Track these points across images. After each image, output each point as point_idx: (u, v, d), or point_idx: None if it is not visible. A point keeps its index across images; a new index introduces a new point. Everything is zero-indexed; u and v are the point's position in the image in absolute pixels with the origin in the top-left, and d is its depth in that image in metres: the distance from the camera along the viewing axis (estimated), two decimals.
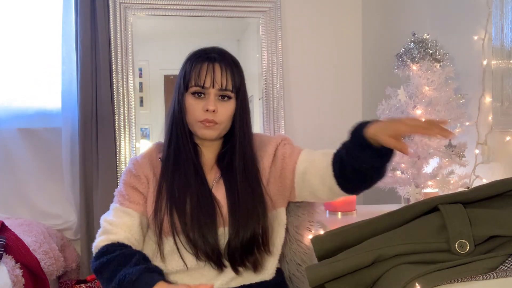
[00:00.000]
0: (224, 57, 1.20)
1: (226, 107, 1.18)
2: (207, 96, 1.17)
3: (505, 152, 1.52)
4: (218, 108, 1.17)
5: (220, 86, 1.17)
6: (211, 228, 1.14)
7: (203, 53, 1.21)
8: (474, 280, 0.73)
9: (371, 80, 2.56)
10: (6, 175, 2.32)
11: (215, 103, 1.16)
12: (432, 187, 1.59)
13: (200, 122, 1.17)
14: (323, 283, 0.82)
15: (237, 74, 1.20)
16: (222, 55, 1.21)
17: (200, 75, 1.16)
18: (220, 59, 1.19)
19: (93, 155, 2.28)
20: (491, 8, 1.54)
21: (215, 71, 1.16)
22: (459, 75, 1.70)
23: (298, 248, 1.35)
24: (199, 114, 1.17)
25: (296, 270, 1.34)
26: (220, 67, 1.17)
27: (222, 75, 1.17)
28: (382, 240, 0.81)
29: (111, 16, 2.32)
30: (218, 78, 1.16)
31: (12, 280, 1.57)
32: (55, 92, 2.33)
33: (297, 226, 1.35)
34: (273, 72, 2.51)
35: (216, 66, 1.17)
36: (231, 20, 2.53)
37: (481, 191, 0.86)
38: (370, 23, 2.56)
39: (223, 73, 1.17)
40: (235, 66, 1.21)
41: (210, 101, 1.16)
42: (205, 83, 1.16)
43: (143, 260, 1.10)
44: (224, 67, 1.18)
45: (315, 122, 2.59)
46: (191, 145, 1.22)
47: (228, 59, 1.20)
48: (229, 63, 1.19)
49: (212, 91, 1.17)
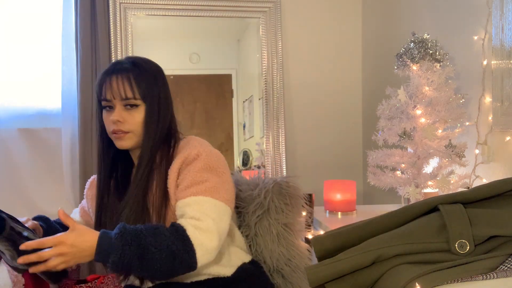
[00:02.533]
0: (126, 65, 1.19)
1: (133, 115, 1.18)
2: (115, 108, 1.19)
3: (505, 152, 1.52)
4: (125, 118, 1.17)
5: (120, 97, 1.17)
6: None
7: (111, 66, 1.23)
8: (474, 280, 0.73)
9: (371, 80, 2.56)
10: (6, 175, 2.32)
11: (120, 113, 1.17)
12: (432, 187, 1.59)
13: (112, 134, 1.20)
14: (323, 283, 0.82)
15: (140, 80, 1.18)
16: (123, 63, 1.20)
17: (102, 89, 1.19)
18: (119, 69, 1.18)
19: (93, 155, 2.28)
20: (491, 8, 1.54)
21: (111, 82, 1.17)
22: (459, 75, 1.70)
23: (287, 244, 1.36)
24: (110, 126, 1.20)
25: (285, 264, 1.35)
26: (116, 77, 1.17)
27: (119, 85, 1.17)
28: (382, 240, 0.81)
29: (111, 16, 2.32)
30: (115, 90, 1.17)
31: (12, 280, 1.57)
32: (55, 92, 2.32)
33: (286, 223, 1.37)
34: (273, 72, 2.51)
35: (112, 78, 1.18)
36: (231, 20, 2.53)
37: (481, 191, 0.86)
38: (370, 23, 2.56)
39: (119, 83, 1.17)
40: (139, 72, 1.19)
41: (116, 112, 1.18)
42: (106, 95, 1.18)
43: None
44: (121, 77, 1.17)
45: (315, 122, 2.59)
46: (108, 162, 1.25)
47: (127, 69, 1.19)
48: (127, 72, 1.18)
49: (117, 102, 1.18)
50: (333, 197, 1.74)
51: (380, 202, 2.37)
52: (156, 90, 1.20)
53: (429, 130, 1.55)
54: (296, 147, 2.58)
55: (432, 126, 1.56)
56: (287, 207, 1.39)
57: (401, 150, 1.65)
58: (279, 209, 1.38)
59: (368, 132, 2.51)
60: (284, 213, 1.38)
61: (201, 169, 1.15)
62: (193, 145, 1.20)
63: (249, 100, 2.62)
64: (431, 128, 1.55)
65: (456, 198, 0.85)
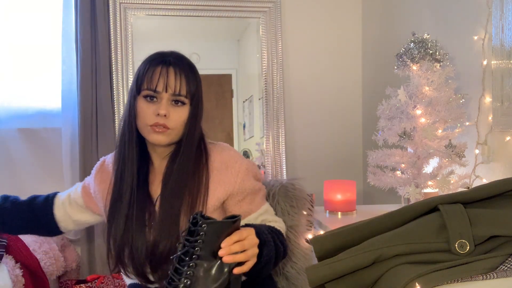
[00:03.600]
0: (181, 61, 1.17)
1: (179, 113, 1.14)
2: (159, 100, 1.14)
3: (505, 152, 1.52)
4: (170, 113, 1.13)
5: (173, 91, 1.13)
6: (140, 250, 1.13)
7: (159, 56, 1.17)
8: (474, 280, 0.73)
9: (371, 80, 2.56)
10: (6, 175, 2.32)
11: (167, 107, 1.13)
12: (432, 187, 1.59)
13: (150, 127, 1.13)
14: (323, 283, 0.82)
15: (193, 79, 1.16)
16: (178, 59, 1.17)
17: (153, 78, 1.13)
18: (175, 63, 1.15)
19: (93, 155, 2.28)
20: (491, 8, 1.54)
21: (169, 75, 1.13)
22: (459, 75, 1.70)
23: (292, 247, 1.36)
24: (149, 118, 1.13)
25: (291, 267, 1.35)
26: (174, 71, 1.14)
27: (176, 79, 1.13)
28: (382, 240, 0.81)
29: (111, 16, 2.32)
30: (171, 83, 1.13)
31: (12, 280, 1.57)
32: (55, 92, 2.33)
33: (291, 226, 1.37)
34: (273, 72, 2.51)
35: (170, 70, 1.14)
36: (231, 20, 2.53)
37: (481, 191, 0.86)
38: (370, 23, 2.56)
39: (177, 77, 1.14)
40: (191, 71, 1.17)
41: (162, 105, 1.12)
42: (158, 86, 1.13)
43: None
44: (179, 71, 1.14)
45: (315, 122, 2.59)
46: (138, 154, 1.18)
47: (184, 64, 1.17)
48: (185, 68, 1.16)
49: (165, 96, 1.13)
50: (333, 197, 1.74)
51: (380, 202, 2.37)
52: (200, 92, 1.20)
53: (429, 130, 1.55)
54: (296, 147, 2.58)
55: (432, 126, 1.56)
56: (292, 209, 1.39)
57: (401, 150, 1.65)
58: (285, 211, 1.38)
59: (368, 132, 2.51)
60: (290, 215, 1.38)
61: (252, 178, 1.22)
62: (234, 156, 1.23)
63: (249, 100, 2.62)
64: (431, 128, 1.55)
65: (456, 198, 0.85)
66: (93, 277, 2.10)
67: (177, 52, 1.21)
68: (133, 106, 1.16)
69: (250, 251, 0.93)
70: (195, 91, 1.17)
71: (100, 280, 2.08)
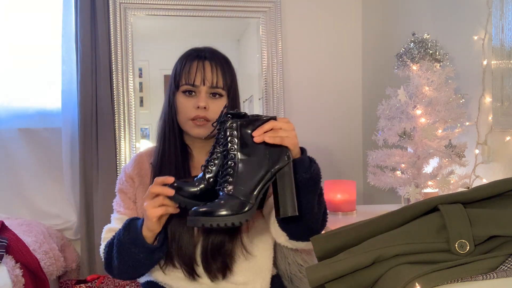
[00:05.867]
0: (215, 55, 1.21)
1: (218, 105, 1.17)
2: (198, 94, 1.17)
3: (505, 152, 1.52)
4: (209, 105, 1.16)
5: (211, 84, 1.16)
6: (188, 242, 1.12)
7: (194, 52, 1.21)
8: (474, 280, 0.73)
9: (371, 80, 2.56)
10: (6, 175, 2.32)
11: (206, 100, 1.16)
12: (432, 187, 1.59)
13: (191, 121, 1.17)
14: (323, 283, 0.82)
15: (228, 72, 1.20)
16: (213, 53, 1.21)
17: (190, 73, 1.16)
18: (211, 57, 1.19)
19: (93, 155, 2.28)
20: (491, 8, 1.54)
21: (205, 68, 1.17)
22: (459, 75, 1.70)
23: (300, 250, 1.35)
24: (190, 112, 1.16)
25: (298, 271, 1.34)
26: (210, 64, 1.17)
27: (213, 72, 1.17)
28: (382, 240, 0.81)
29: (111, 16, 2.32)
30: (208, 76, 1.16)
31: (12, 280, 1.57)
32: (55, 92, 2.33)
33: None
34: (273, 72, 2.51)
35: (206, 64, 1.17)
36: (231, 20, 2.53)
37: (481, 191, 0.86)
38: (370, 23, 2.56)
39: (213, 70, 1.17)
40: (226, 64, 1.21)
41: (201, 98, 1.16)
42: (195, 81, 1.16)
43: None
44: (215, 64, 1.18)
45: (315, 122, 2.59)
46: (179, 149, 1.20)
47: (219, 57, 1.21)
48: (220, 61, 1.19)
49: (203, 89, 1.16)
50: (333, 197, 1.74)
51: (380, 202, 2.37)
52: (236, 85, 1.23)
53: (429, 130, 1.55)
54: None
55: (432, 126, 1.56)
56: None
57: (401, 150, 1.65)
58: None
59: (368, 132, 2.51)
60: None
61: None
62: None
63: (249, 100, 2.62)
64: (431, 128, 1.55)
65: (456, 198, 0.85)
66: (93, 277, 2.10)
67: (211, 47, 1.25)
68: (173, 102, 1.19)
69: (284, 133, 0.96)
70: (231, 83, 1.20)
71: (100, 280, 2.08)
